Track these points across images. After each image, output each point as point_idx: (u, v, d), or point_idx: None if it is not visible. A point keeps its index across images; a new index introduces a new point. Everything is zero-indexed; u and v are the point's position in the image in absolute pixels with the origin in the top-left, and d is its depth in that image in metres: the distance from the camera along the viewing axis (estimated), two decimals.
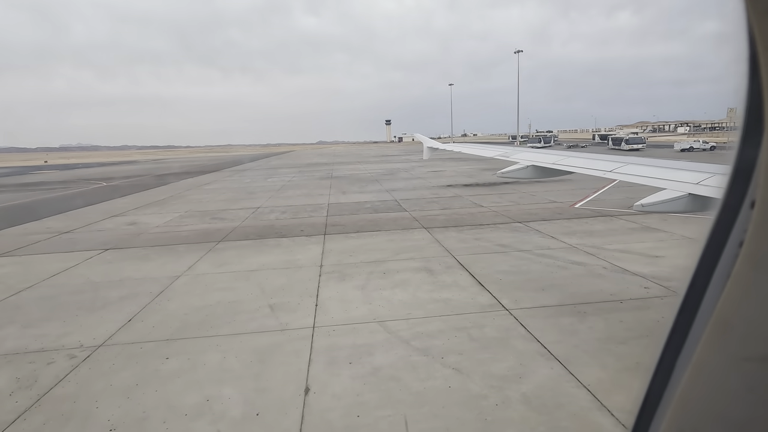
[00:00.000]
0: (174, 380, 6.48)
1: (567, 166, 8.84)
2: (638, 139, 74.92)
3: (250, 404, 5.81)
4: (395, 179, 35.40)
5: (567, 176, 9.86)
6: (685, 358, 0.94)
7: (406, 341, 7.41)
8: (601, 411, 5.37)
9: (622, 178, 7.22)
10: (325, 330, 7.97)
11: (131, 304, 9.62)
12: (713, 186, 5.49)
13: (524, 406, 5.54)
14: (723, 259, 0.89)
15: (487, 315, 8.33)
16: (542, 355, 6.75)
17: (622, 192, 21.53)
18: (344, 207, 22.07)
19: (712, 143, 65.38)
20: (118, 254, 14.29)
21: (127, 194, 32.25)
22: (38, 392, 6.31)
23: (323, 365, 6.75)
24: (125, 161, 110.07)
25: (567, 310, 8.43)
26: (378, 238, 15.09)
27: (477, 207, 20.38)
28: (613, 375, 6.16)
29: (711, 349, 0.88)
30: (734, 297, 0.84)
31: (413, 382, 6.15)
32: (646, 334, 7.34)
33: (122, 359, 7.21)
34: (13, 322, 8.98)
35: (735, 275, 0.84)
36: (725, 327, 0.85)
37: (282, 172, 48.22)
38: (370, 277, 10.80)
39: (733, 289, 0.84)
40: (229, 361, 7.02)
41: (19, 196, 34.71)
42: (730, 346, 0.85)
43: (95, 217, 21.82)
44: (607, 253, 12.02)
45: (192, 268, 12.24)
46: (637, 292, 9.21)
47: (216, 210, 22.71)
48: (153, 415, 5.66)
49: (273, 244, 14.86)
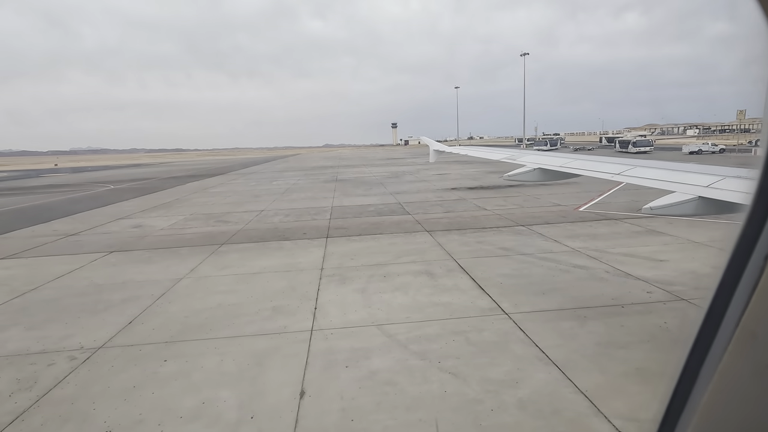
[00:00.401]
0: (171, 383, 6.51)
1: (574, 169, 8.77)
2: (646, 141, 74.26)
3: (246, 407, 5.82)
4: (400, 182, 35.41)
5: (573, 179, 9.83)
6: (710, 367, 0.96)
7: (404, 345, 7.38)
8: (597, 417, 5.30)
9: (631, 181, 7.16)
10: (324, 333, 7.97)
11: (133, 307, 9.69)
12: (724, 189, 5.41)
13: (520, 411, 5.49)
14: (748, 271, 0.92)
15: (486, 319, 8.28)
16: (540, 360, 6.70)
17: (627, 195, 21.35)
18: (348, 210, 22.11)
19: (722, 146, 64.67)
20: (122, 257, 14.41)
21: (134, 197, 32.55)
22: (38, 393, 6.36)
23: (320, 369, 6.74)
24: (134, 164, 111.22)
25: (567, 314, 8.36)
26: (380, 241, 15.08)
27: (481, 210, 20.31)
28: (611, 380, 6.09)
29: (737, 359, 0.90)
30: (760, 308, 0.87)
31: (409, 387, 6.13)
32: (648, 339, 7.26)
33: (121, 361, 7.26)
34: (17, 323, 9.08)
35: (761, 287, 0.87)
36: (751, 337, 0.88)
37: (287, 175, 48.44)
38: (370, 281, 10.80)
39: (759, 300, 0.87)
40: (226, 363, 7.04)
41: (28, 199, 35.18)
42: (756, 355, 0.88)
43: (101, 220, 22.05)
44: (610, 257, 11.92)
45: (194, 271, 12.31)
46: (639, 296, 9.11)
47: (220, 213, 22.85)
48: (149, 418, 5.69)
49: (275, 247, 14.91)
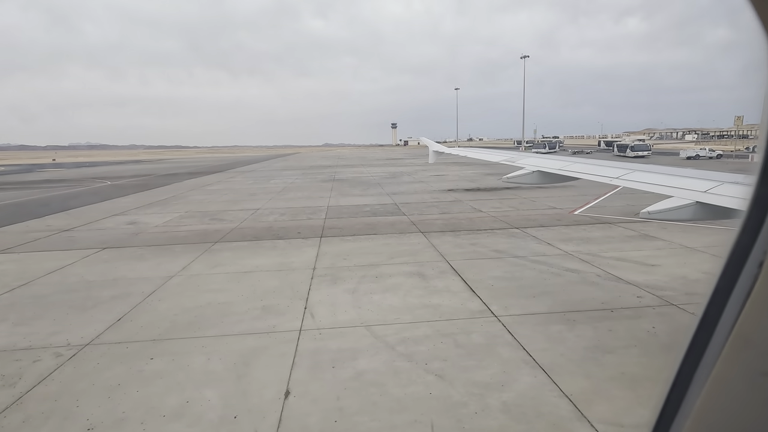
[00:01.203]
0: (156, 381, 6.48)
1: (573, 172, 8.79)
2: (643, 146, 74.48)
3: (229, 407, 5.79)
4: (397, 183, 35.40)
5: (570, 182, 9.84)
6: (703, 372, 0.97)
7: (392, 346, 7.37)
8: (581, 422, 5.29)
9: (629, 185, 7.17)
10: (312, 333, 7.95)
11: (122, 304, 9.65)
12: (722, 195, 5.42)
13: (504, 414, 5.48)
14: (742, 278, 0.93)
15: (475, 321, 8.27)
16: (527, 363, 6.69)
17: (623, 199, 21.38)
18: (343, 210, 22.08)
19: (719, 151, 64.87)
20: (114, 253, 14.36)
21: (131, 193, 32.48)
22: (21, 390, 6.32)
23: (306, 369, 6.72)
24: (132, 160, 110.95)
25: (556, 317, 8.36)
26: (374, 241, 15.07)
27: (476, 212, 20.31)
28: (596, 385, 6.08)
29: (730, 365, 0.91)
30: (754, 315, 0.88)
31: (394, 388, 6.11)
32: (635, 344, 7.26)
33: (107, 359, 7.22)
34: (5, 319, 9.03)
35: (755, 294, 0.88)
36: (745, 343, 0.89)
37: (285, 174, 48.39)
38: (361, 281, 10.78)
39: (753, 307, 0.89)
40: (213, 362, 7.01)
41: (24, 194, 35.06)
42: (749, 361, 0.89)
43: (96, 216, 21.98)
44: (602, 261, 11.92)
45: (186, 269, 12.27)
46: (629, 301, 9.11)
47: (216, 211, 22.81)
48: (132, 416, 5.66)
49: (269, 246, 14.88)
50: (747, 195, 0.95)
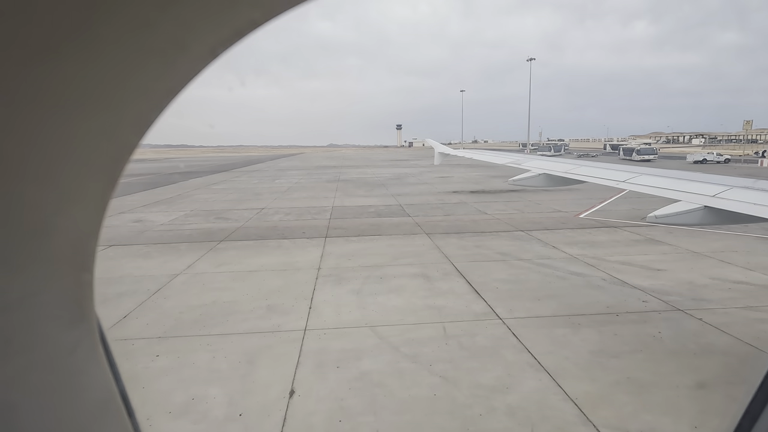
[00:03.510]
0: (162, 378, 6.52)
1: (579, 175, 8.77)
2: (650, 149, 74.06)
3: (234, 405, 5.82)
4: (402, 184, 35.40)
5: (576, 186, 9.83)
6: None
7: (396, 347, 7.37)
8: (586, 426, 5.28)
9: (636, 189, 7.14)
10: (316, 333, 7.97)
11: (128, 301, 9.71)
12: (731, 199, 5.39)
13: (508, 417, 5.47)
14: None
15: (479, 323, 8.26)
16: (531, 366, 6.67)
17: (629, 203, 21.29)
18: (348, 210, 22.12)
19: (727, 156, 64.41)
20: (120, 251, 14.46)
21: (136, 192, 32.66)
22: None
23: (310, 368, 6.74)
24: (138, 159, 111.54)
25: (561, 321, 8.33)
26: (378, 242, 15.08)
27: (481, 214, 20.28)
28: (601, 389, 6.06)
29: None
30: None
31: (398, 389, 6.11)
32: (641, 349, 7.22)
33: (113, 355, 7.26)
34: None
35: None
36: None
37: (290, 174, 48.51)
38: (366, 282, 10.79)
39: None
40: (218, 360, 7.04)
41: None
42: None
43: None
44: (607, 265, 11.87)
45: (191, 267, 12.33)
46: (634, 305, 9.06)
47: (221, 210, 22.90)
48: (137, 412, 5.66)
49: (274, 245, 14.93)
50: None
